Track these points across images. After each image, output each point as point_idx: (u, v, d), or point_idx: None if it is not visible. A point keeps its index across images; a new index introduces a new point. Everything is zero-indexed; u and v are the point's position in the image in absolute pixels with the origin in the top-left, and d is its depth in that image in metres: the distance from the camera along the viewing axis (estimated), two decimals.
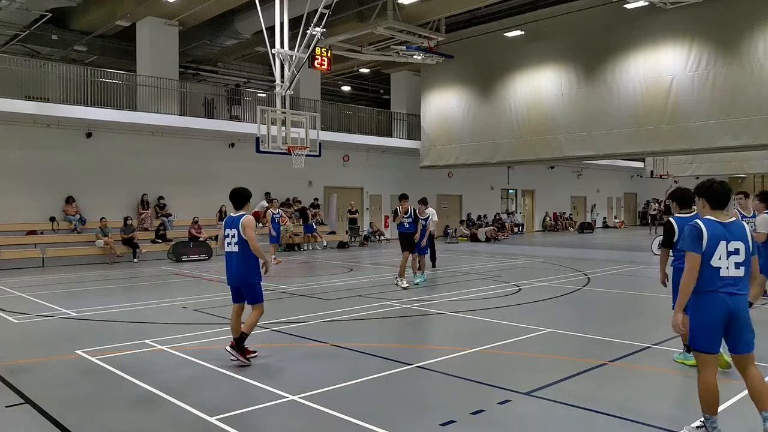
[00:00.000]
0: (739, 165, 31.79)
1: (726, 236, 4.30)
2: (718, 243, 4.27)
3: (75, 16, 21.15)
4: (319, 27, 14.71)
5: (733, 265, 4.28)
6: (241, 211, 6.61)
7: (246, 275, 6.53)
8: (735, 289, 4.26)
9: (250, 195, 6.82)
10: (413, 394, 5.62)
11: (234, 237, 6.51)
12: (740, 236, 4.33)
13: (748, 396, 4.42)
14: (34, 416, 5.05)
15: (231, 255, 6.58)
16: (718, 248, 4.27)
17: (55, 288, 12.88)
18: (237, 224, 6.47)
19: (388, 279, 14.04)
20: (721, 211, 4.46)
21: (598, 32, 19.73)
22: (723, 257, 4.27)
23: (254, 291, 6.60)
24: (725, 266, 4.27)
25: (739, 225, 4.39)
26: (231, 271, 6.61)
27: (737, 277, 4.27)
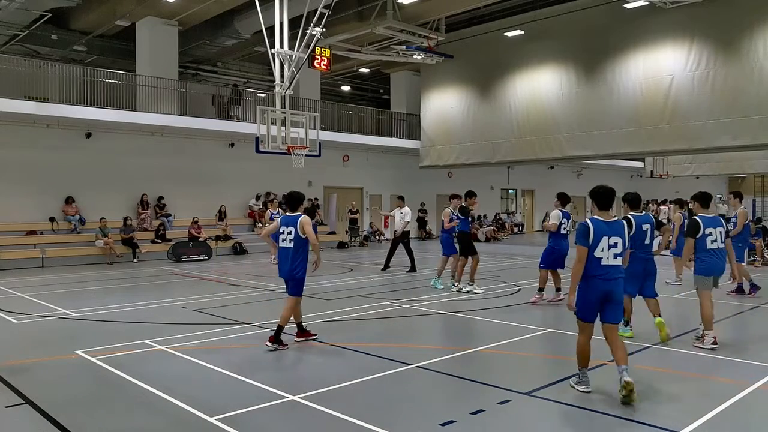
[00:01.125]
0: (738, 165, 31.81)
1: (608, 232, 5.35)
2: (601, 238, 5.32)
3: (75, 16, 21.14)
4: (319, 27, 14.70)
5: (612, 255, 5.35)
6: (297, 212, 7.32)
7: (295, 269, 7.20)
8: (612, 275, 5.37)
9: (304, 198, 7.62)
10: (413, 394, 5.62)
11: (290, 234, 7.19)
12: (619, 233, 5.41)
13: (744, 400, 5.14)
14: (34, 416, 5.05)
15: (286, 250, 7.26)
16: (601, 242, 5.32)
17: (54, 288, 12.88)
18: (294, 223, 7.15)
19: (388, 279, 14.05)
20: (606, 211, 5.52)
21: (598, 32, 19.72)
22: (605, 250, 5.33)
23: (297, 285, 7.31)
24: (606, 257, 5.33)
25: (619, 223, 5.46)
26: (284, 264, 7.30)
27: (615, 266, 5.37)
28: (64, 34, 21.94)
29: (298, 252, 7.18)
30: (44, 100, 17.47)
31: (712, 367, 6.57)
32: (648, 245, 7.50)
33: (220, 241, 20.53)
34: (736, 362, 6.63)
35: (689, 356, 6.96)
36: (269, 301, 11.16)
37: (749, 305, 10.35)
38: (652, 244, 7.62)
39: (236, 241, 20.87)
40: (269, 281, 13.63)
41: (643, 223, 7.41)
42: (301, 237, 7.13)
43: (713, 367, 6.54)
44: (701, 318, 7.25)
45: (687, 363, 6.75)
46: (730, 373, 6.26)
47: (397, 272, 14.98)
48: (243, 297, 11.40)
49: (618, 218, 5.59)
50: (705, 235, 7.29)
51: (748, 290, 11.28)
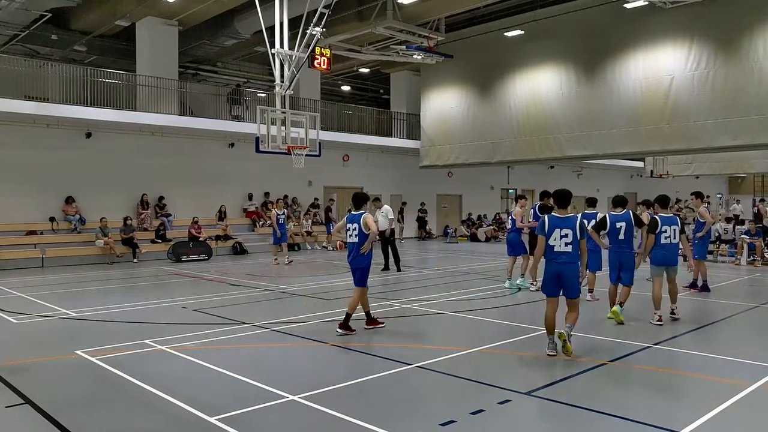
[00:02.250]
0: (738, 165, 31.80)
1: (560, 225, 6.72)
2: (554, 230, 6.71)
3: (75, 16, 21.13)
4: (319, 27, 14.69)
5: (563, 244, 6.68)
6: (360, 210, 8.14)
7: (360, 261, 8.01)
8: (563, 259, 6.68)
9: (368, 198, 8.52)
10: (413, 394, 5.62)
11: (355, 230, 8.01)
12: (570, 226, 6.70)
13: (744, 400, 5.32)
14: (34, 416, 5.05)
15: (351, 245, 8.07)
16: (554, 233, 6.71)
17: (54, 288, 12.88)
18: (358, 220, 7.99)
19: (388, 279, 14.05)
20: (564, 209, 6.84)
21: (598, 32, 19.71)
22: (557, 239, 6.69)
23: (362, 275, 8.05)
24: (558, 245, 6.70)
25: (572, 219, 6.76)
26: (350, 256, 8.11)
27: (566, 252, 6.67)
28: (64, 34, 21.93)
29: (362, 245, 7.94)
30: (44, 100, 17.47)
31: (712, 367, 6.57)
32: (622, 240, 8.79)
33: (220, 241, 20.53)
34: (736, 362, 6.63)
35: (689, 356, 6.96)
36: (269, 301, 11.16)
37: (749, 305, 10.35)
38: (628, 240, 8.81)
39: (236, 241, 20.87)
40: (269, 281, 13.64)
41: (618, 222, 8.79)
42: (365, 232, 7.91)
43: (713, 367, 6.54)
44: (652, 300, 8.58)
45: (687, 363, 6.75)
46: (730, 373, 6.26)
47: (402, 272, 14.98)
48: (243, 297, 11.40)
49: (573, 215, 6.88)
50: (661, 232, 8.56)
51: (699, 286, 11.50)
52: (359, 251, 7.95)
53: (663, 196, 9.15)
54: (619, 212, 8.89)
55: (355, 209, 8.27)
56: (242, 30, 21.50)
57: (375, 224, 8.02)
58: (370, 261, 8.12)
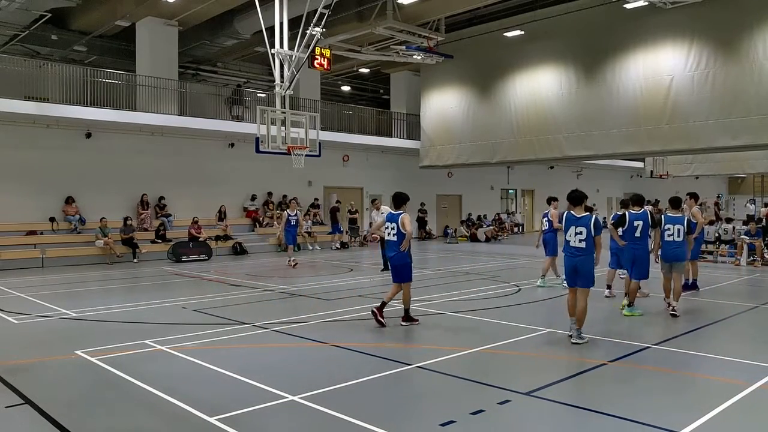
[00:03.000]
0: (738, 165, 31.82)
1: (575, 223, 7.48)
2: (570, 226, 7.51)
3: (75, 16, 21.14)
4: (319, 27, 14.69)
5: (578, 240, 7.43)
6: (400, 210, 8.50)
7: (401, 258, 8.42)
8: (577, 253, 7.46)
9: (408, 198, 8.72)
10: (413, 394, 5.62)
11: (393, 228, 8.43)
12: (584, 224, 7.42)
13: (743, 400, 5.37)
14: (34, 416, 5.05)
15: (390, 243, 8.54)
16: (570, 230, 7.50)
17: (54, 288, 12.88)
18: (397, 219, 8.40)
19: (388, 279, 14.03)
20: (579, 207, 7.58)
21: (598, 32, 19.72)
22: (572, 235, 7.48)
23: (406, 270, 8.48)
24: (572, 240, 7.48)
25: (586, 218, 7.45)
26: (390, 254, 8.54)
27: (579, 247, 7.44)
28: (64, 34, 21.94)
29: (400, 243, 8.37)
30: (44, 100, 17.47)
31: (712, 367, 6.57)
32: (638, 238, 9.24)
33: (220, 241, 20.53)
34: (735, 362, 6.63)
35: (689, 356, 6.96)
36: (269, 301, 11.16)
37: (748, 305, 10.35)
38: (644, 237, 9.24)
39: (236, 241, 20.87)
40: (269, 281, 13.64)
41: (636, 220, 9.24)
42: (402, 231, 8.32)
43: (713, 367, 6.54)
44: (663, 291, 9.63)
45: (687, 363, 6.75)
46: (729, 373, 6.26)
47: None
48: (243, 297, 11.40)
49: (587, 214, 7.59)
50: (664, 230, 9.31)
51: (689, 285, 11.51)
52: (399, 249, 8.36)
53: (675, 198, 9.74)
54: (637, 211, 9.40)
55: (394, 209, 8.63)
56: (242, 30, 21.50)
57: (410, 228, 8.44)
58: (410, 258, 8.55)
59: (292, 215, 16.59)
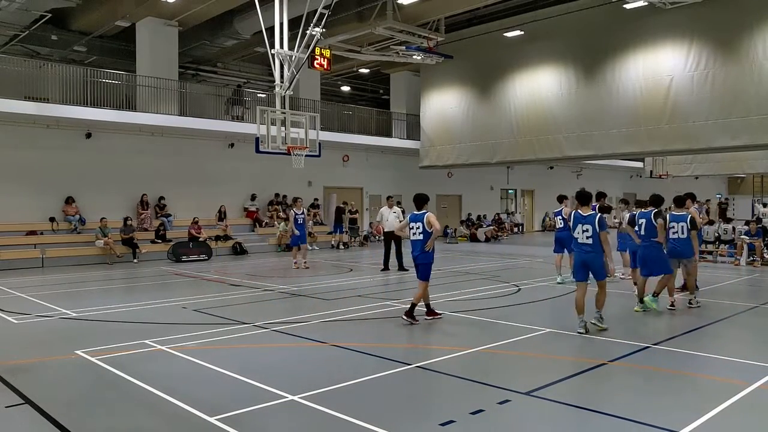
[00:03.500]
0: (738, 165, 31.83)
1: (582, 221, 7.97)
2: (578, 224, 8.01)
3: (75, 17, 21.14)
4: (319, 27, 14.68)
5: (585, 236, 7.93)
6: (422, 210, 8.77)
7: (425, 257, 8.65)
8: (585, 249, 7.95)
9: (428, 198, 9.10)
10: (413, 394, 5.62)
11: (419, 228, 8.67)
12: (590, 222, 7.90)
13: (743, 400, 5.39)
14: (34, 416, 5.05)
15: (416, 242, 8.74)
16: (577, 228, 8.01)
17: (55, 288, 12.88)
18: (422, 219, 8.67)
19: (388, 279, 14.05)
20: (586, 206, 8.12)
21: (598, 32, 19.72)
22: (579, 232, 7.99)
23: (426, 270, 8.72)
24: (580, 237, 7.99)
25: (591, 216, 7.95)
26: (415, 253, 8.77)
27: (587, 243, 7.92)
28: (64, 34, 21.94)
29: (426, 243, 8.61)
30: (44, 100, 17.46)
31: (712, 367, 6.57)
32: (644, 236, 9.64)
33: (220, 241, 20.53)
34: (735, 362, 6.64)
35: (689, 356, 6.97)
36: (269, 301, 11.16)
37: (748, 305, 10.35)
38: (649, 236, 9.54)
39: (236, 241, 20.87)
40: (269, 281, 13.64)
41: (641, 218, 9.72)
42: (428, 230, 8.57)
43: (713, 367, 6.55)
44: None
45: (687, 363, 6.75)
46: (729, 373, 6.26)
47: (402, 272, 14.99)
48: (243, 297, 11.40)
49: (593, 213, 8.10)
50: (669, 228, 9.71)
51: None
52: (424, 248, 8.59)
53: (679, 197, 10.24)
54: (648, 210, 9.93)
55: (417, 209, 8.87)
56: (242, 30, 21.51)
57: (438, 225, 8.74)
58: (433, 257, 8.80)
59: (299, 214, 16.11)
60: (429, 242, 8.56)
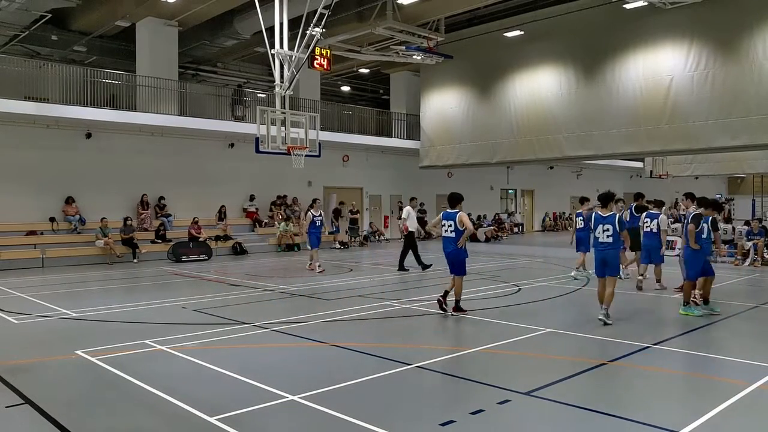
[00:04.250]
0: (738, 165, 31.83)
1: (602, 221, 8.64)
2: (598, 225, 8.68)
3: (75, 17, 21.14)
4: (319, 27, 14.68)
5: (605, 236, 8.59)
6: (455, 209, 9.17)
7: (458, 254, 9.10)
8: (604, 247, 8.64)
9: (462, 198, 9.37)
10: (413, 394, 5.62)
11: (451, 226, 9.10)
12: (610, 222, 8.57)
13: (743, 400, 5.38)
14: (34, 416, 5.05)
15: (448, 239, 9.14)
16: (598, 227, 8.68)
17: (55, 288, 12.88)
18: (454, 217, 9.07)
19: (388, 279, 14.05)
20: (605, 208, 8.74)
21: (598, 32, 19.73)
22: (600, 232, 8.65)
23: (460, 266, 9.17)
24: (601, 236, 8.65)
25: (611, 216, 8.60)
26: (447, 250, 9.19)
27: (607, 242, 8.58)
28: (64, 34, 21.94)
29: (458, 240, 9.02)
30: (44, 100, 17.46)
31: (712, 367, 6.58)
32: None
33: (220, 242, 20.53)
34: (735, 362, 6.64)
35: (689, 356, 6.97)
36: (269, 301, 11.16)
37: (748, 305, 10.35)
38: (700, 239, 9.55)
39: (236, 242, 20.87)
40: (269, 281, 13.64)
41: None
42: (460, 229, 8.99)
43: (713, 367, 6.55)
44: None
45: (687, 363, 6.76)
46: (730, 373, 6.26)
47: (402, 272, 14.99)
48: (243, 297, 11.40)
49: (613, 212, 8.71)
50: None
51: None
52: (456, 245, 9.00)
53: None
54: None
55: (450, 208, 9.25)
56: (242, 30, 21.51)
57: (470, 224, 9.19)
58: (467, 253, 9.22)
59: (317, 216, 15.39)
60: (461, 240, 8.97)
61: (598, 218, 8.71)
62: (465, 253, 9.18)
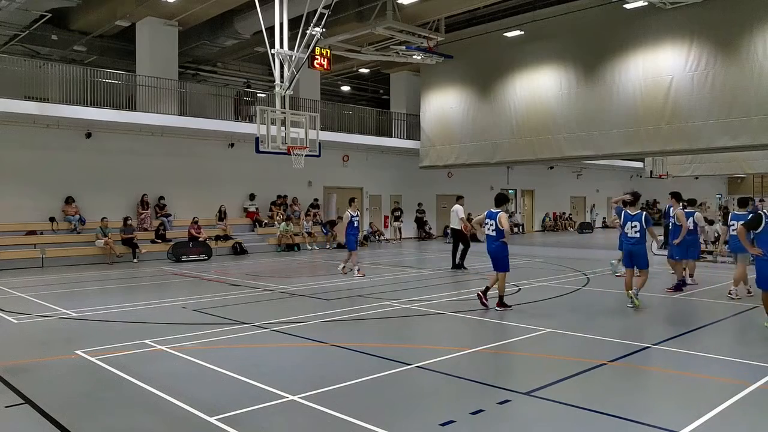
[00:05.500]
0: (738, 165, 31.83)
1: (631, 219, 9.77)
2: (627, 222, 9.80)
3: (75, 17, 21.14)
4: (319, 27, 14.69)
5: (633, 231, 9.70)
6: (499, 209, 9.68)
7: (498, 251, 9.63)
8: (632, 241, 9.72)
9: (508, 198, 10.11)
10: (413, 394, 5.62)
11: (492, 225, 9.63)
12: (638, 219, 9.69)
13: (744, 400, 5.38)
14: (34, 416, 5.05)
15: (490, 237, 9.72)
16: (627, 224, 9.80)
17: (54, 288, 12.88)
18: (495, 217, 9.60)
19: (388, 279, 14.05)
20: (633, 206, 9.96)
21: (598, 32, 19.73)
22: (629, 228, 9.75)
23: (503, 262, 9.63)
24: (629, 232, 9.74)
25: (639, 215, 9.76)
26: (490, 247, 9.73)
27: (635, 237, 9.68)
28: (64, 34, 21.93)
29: (499, 239, 9.55)
30: (44, 100, 17.46)
31: (712, 367, 6.57)
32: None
33: (220, 241, 20.53)
34: (735, 362, 6.63)
35: (689, 356, 6.96)
36: (269, 301, 11.16)
37: (748, 305, 10.35)
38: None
39: (236, 241, 20.88)
40: (269, 281, 13.64)
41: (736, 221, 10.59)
42: (500, 228, 9.48)
43: (713, 367, 6.54)
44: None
45: (687, 363, 6.75)
46: (730, 373, 6.26)
47: (401, 272, 14.99)
48: (243, 297, 11.40)
49: (640, 211, 9.83)
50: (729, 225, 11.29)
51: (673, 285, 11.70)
52: (496, 243, 9.54)
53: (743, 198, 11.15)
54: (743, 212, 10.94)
55: (495, 207, 9.73)
56: (242, 30, 21.50)
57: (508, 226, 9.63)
58: (508, 251, 9.67)
59: (355, 216, 14.49)
60: (505, 237, 9.55)
61: (627, 216, 9.77)
62: (506, 251, 9.63)
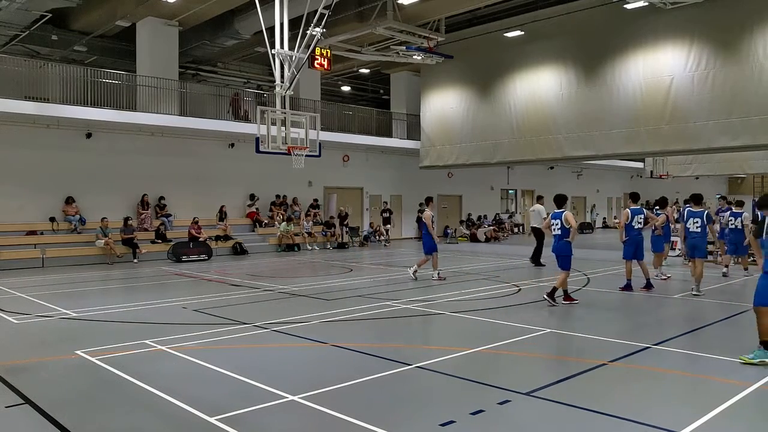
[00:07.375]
0: (738, 165, 31.82)
1: (693, 215, 10.94)
2: (689, 218, 10.96)
3: (75, 17, 21.14)
4: (319, 27, 14.69)
5: (695, 226, 10.89)
6: (561, 209, 10.11)
7: (562, 249, 10.04)
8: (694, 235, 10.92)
9: (566, 198, 10.51)
10: (413, 394, 5.62)
11: (557, 225, 10.04)
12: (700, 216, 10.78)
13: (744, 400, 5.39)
14: (34, 416, 5.05)
15: (555, 236, 10.12)
16: (689, 220, 10.93)
17: (54, 288, 12.88)
18: (560, 217, 10.02)
19: (388, 279, 14.05)
20: (698, 205, 10.99)
21: (598, 32, 19.72)
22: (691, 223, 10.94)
23: (566, 261, 10.05)
24: (692, 227, 10.94)
25: (701, 212, 10.86)
26: (555, 245, 10.14)
27: (696, 231, 10.92)
28: (64, 34, 21.93)
29: (564, 238, 9.95)
30: (44, 100, 17.47)
31: (712, 367, 6.57)
32: None
33: (220, 241, 20.54)
34: (736, 362, 6.63)
35: (689, 356, 6.96)
36: (269, 301, 11.16)
37: (748, 305, 10.34)
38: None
39: (236, 242, 20.88)
40: (269, 281, 13.64)
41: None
42: (566, 227, 9.91)
43: (713, 367, 6.54)
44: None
45: (687, 363, 6.75)
46: (730, 373, 6.25)
47: (401, 272, 14.99)
48: (243, 297, 11.40)
49: (702, 209, 10.98)
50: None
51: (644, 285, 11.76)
52: (562, 242, 9.96)
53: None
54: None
55: (557, 208, 10.20)
56: (242, 30, 21.51)
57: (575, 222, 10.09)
58: (572, 249, 10.10)
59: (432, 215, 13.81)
60: (572, 235, 9.93)
61: (690, 213, 11.00)
62: (570, 250, 10.03)
